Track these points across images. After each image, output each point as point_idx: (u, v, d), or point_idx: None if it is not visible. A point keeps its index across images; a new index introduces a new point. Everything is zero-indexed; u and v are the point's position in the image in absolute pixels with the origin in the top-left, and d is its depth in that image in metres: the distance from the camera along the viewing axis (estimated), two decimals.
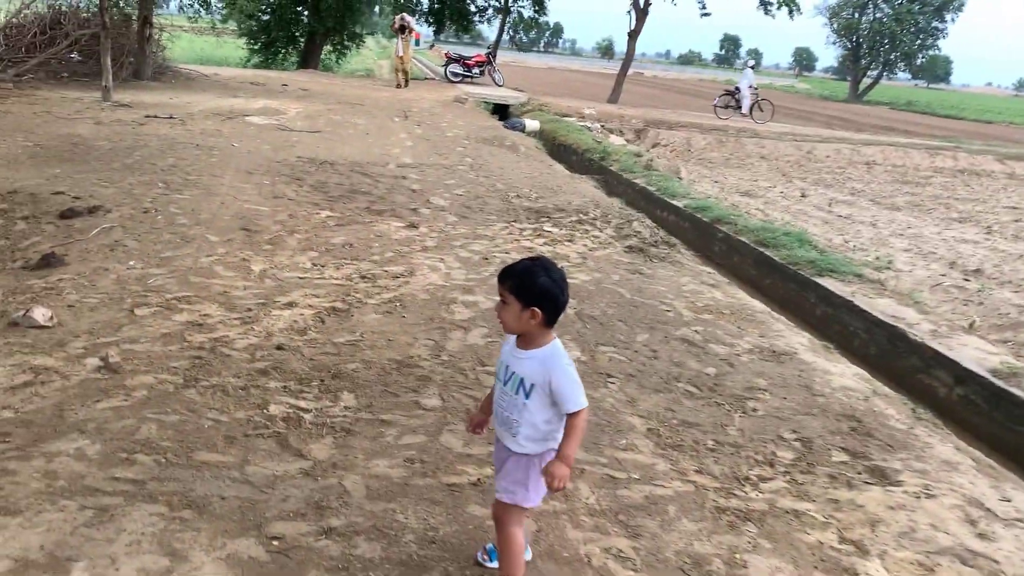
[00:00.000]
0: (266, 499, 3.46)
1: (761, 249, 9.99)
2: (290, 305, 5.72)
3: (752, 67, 30.04)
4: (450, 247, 7.64)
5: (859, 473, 4.30)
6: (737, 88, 28.57)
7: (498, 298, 2.73)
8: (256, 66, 32.63)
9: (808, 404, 5.09)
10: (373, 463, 3.82)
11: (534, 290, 2.65)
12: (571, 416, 2.73)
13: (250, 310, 5.55)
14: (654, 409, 4.77)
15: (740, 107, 28.04)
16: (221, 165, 10.19)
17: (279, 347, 5.00)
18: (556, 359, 2.74)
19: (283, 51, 34.12)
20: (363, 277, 6.47)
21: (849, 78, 76.64)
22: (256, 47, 33.57)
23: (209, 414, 4.13)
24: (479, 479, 3.75)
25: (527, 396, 2.75)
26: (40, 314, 4.94)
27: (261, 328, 5.26)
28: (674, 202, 12.80)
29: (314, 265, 6.65)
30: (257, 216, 7.91)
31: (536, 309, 2.66)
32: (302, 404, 4.35)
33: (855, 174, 21.53)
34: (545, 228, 8.84)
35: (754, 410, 4.93)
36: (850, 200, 17.03)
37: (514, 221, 9.05)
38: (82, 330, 4.98)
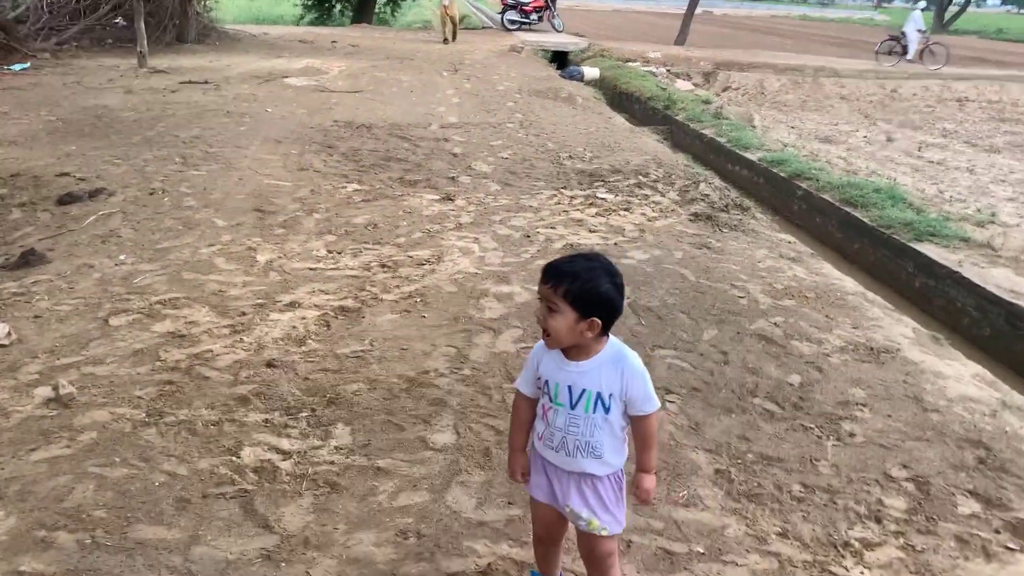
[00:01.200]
0: None
1: (847, 209, 8.78)
2: (292, 306, 4.90)
3: (923, 9, 27.55)
4: (488, 223, 6.72)
5: (996, 532, 3.28)
6: (903, 32, 26.12)
7: (539, 299, 2.31)
8: (310, 23, 31.87)
9: (919, 424, 4.05)
10: (356, 537, 2.97)
11: (596, 299, 2.25)
12: (647, 418, 2.41)
13: (244, 314, 4.75)
14: (724, 439, 3.81)
15: (906, 53, 25.66)
16: (249, 134, 9.43)
17: (270, 364, 4.19)
18: (627, 360, 2.36)
19: (337, 6, 33.23)
20: (383, 266, 5.61)
21: (933, 6, 72.00)
22: (309, 3, 32.74)
23: (165, 464, 3.35)
24: (489, 565, 2.88)
25: (607, 411, 2.37)
26: None
27: (252, 339, 4.46)
28: (747, 155, 11.57)
29: (329, 252, 5.82)
30: (275, 193, 7.11)
31: (596, 320, 2.27)
32: (284, 445, 3.53)
33: (946, 113, 19.68)
34: (598, 195, 7.83)
35: (851, 435, 3.93)
36: (942, 143, 15.40)
37: (564, 188, 8.06)
38: (43, 349, 4.25)
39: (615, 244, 6.38)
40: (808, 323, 5.16)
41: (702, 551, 3.05)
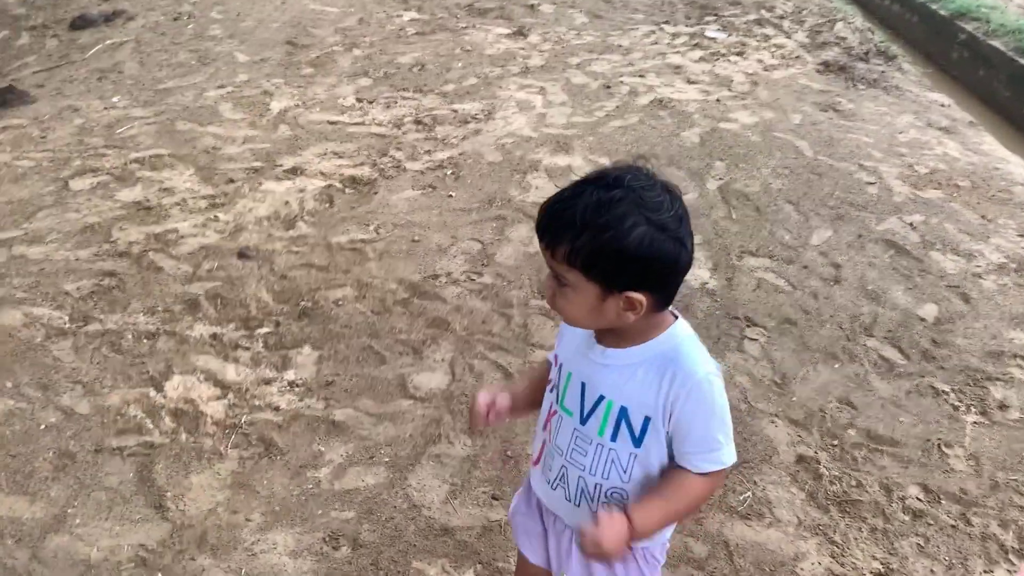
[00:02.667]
0: None
1: (1022, 61, 7.02)
2: (294, 172, 3.98)
3: None
4: (562, 67, 5.50)
5: None
6: None
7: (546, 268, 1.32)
8: None
9: None
10: (268, 539, 2.15)
11: (625, 257, 1.23)
12: (693, 478, 1.34)
13: (231, 181, 3.87)
14: (819, 402, 2.77)
15: None
16: None
17: (241, 253, 3.34)
18: (683, 362, 1.32)
19: None
20: (418, 122, 4.57)
21: None
22: None
23: (66, 396, 2.59)
24: None
25: (638, 441, 1.36)
26: None
27: (231, 217, 3.59)
28: None
29: (358, 101, 4.81)
30: (317, 22, 6.05)
31: (634, 295, 1.25)
32: (226, 374, 2.71)
33: None
34: (707, 33, 6.40)
35: (1002, 407, 2.81)
36: None
37: (666, 22, 6.65)
38: None
39: (717, 100, 5.10)
40: (957, 226, 3.89)
41: None
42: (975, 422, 2.74)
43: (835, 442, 2.61)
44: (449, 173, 4.05)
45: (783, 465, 2.50)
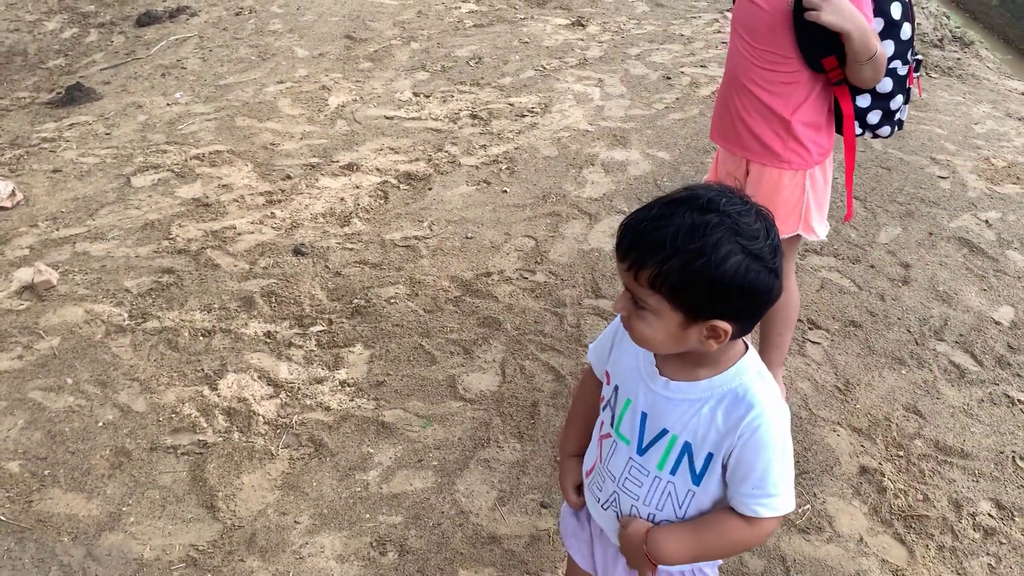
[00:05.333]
0: None
1: None
2: (350, 168, 3.99)
3: None
4: (621, 58, 5.40)
5: None
6: None
7: (621, 285, 1.27)
8: None
9: None
10: (316, 542, 2.15)
11: (719, 287, 1.16)
12: (746, 521, 1.28)
13: (289, 178, 3.89)
14: (884, 410, 2.65)
15: None
16: None
17: (297, 250, 3.35)
18: (754, 408, 1.25)
19: None
20: (474, 116, 4.54)
21: None
22: None
23: (123, 393, 2.63)
24: None
25: (698, 478, 1.31)
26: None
27: (287, 213, 3.61)
28: None
29: (415, 95, 4.79)
30: (375, 15, 6.05)
31: (721, 324, 1.20)
32: (279, 372, 2.72)
33: None
34: None
35: None
36: None
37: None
38: (47, 214, 3.60)
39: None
40: None
41: None
42: None
43: (901, 453, 2.50)
44: (504, 168, 4.00)
45: (845, 476, 2.41)
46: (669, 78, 5.11)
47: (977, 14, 8.71)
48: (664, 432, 1.31)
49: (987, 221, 3.70)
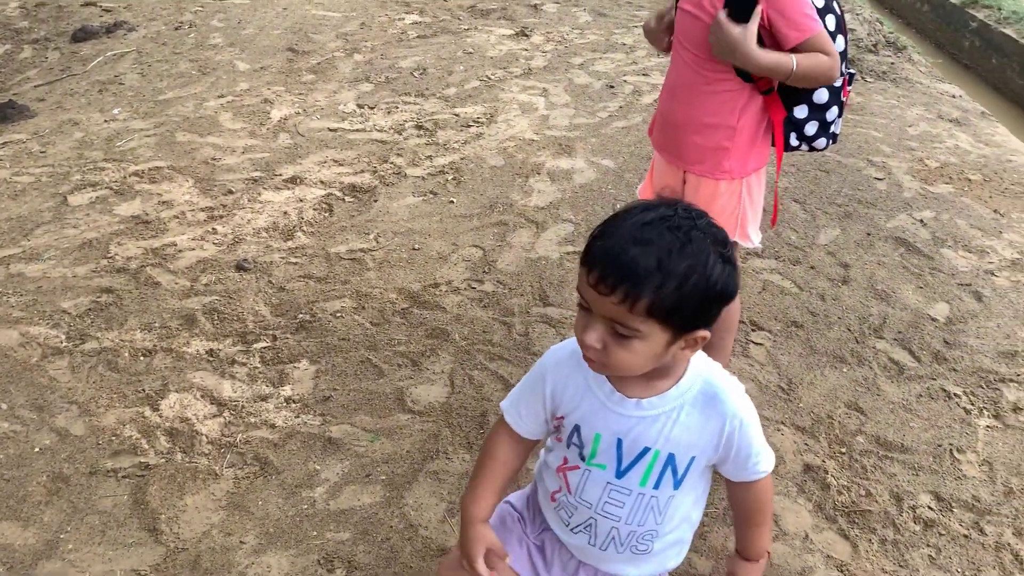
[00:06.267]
0: None
1: None
2: (293, 181, 3.95)
3: None
4: (565, 67, 5.44)
5: None
6: None
7: (581, 304, 1.24)
8: None
9: None
10: (263, 562, 2.11)
11: (711, 299, 1.19)
12: (760, 482, 1.44)
13: (230, 192, 3.84)
14: (826, 408, 2.70)
15: None
16: None
17: (240, 266, 3.30)
18: (728, 400, 1.33)
19: None
20: (419, 127, 4.53)
21: None
22: None
23: (61, 417, 2.56)
24: None
25: (679, 483, 1.37)
26: None
27: (229, 229, 3.56)
28: None
29: (359, 107, 4.76)
30: (318, 27, 6.02)
31: (701, 333, 1.22)
32: (223, 391, 2.68)
33: None
34: None
35: (1016, 409, 2.74)
36: None
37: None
38: None
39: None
40: (969, 221, 3.81)
41: None
42: (988, 426, 2.67)
43: (843, 450, 2.55)
44: (451, 178, 4.00)
45: (790, 475, 2.44)
46: (612, 87, 5.17)
47: (909, 19, 8.97)
48: (646, 450, 1.33)
49: (922, 220, 3.80)
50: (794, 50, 2.05)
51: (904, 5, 9.24)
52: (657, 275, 1.13)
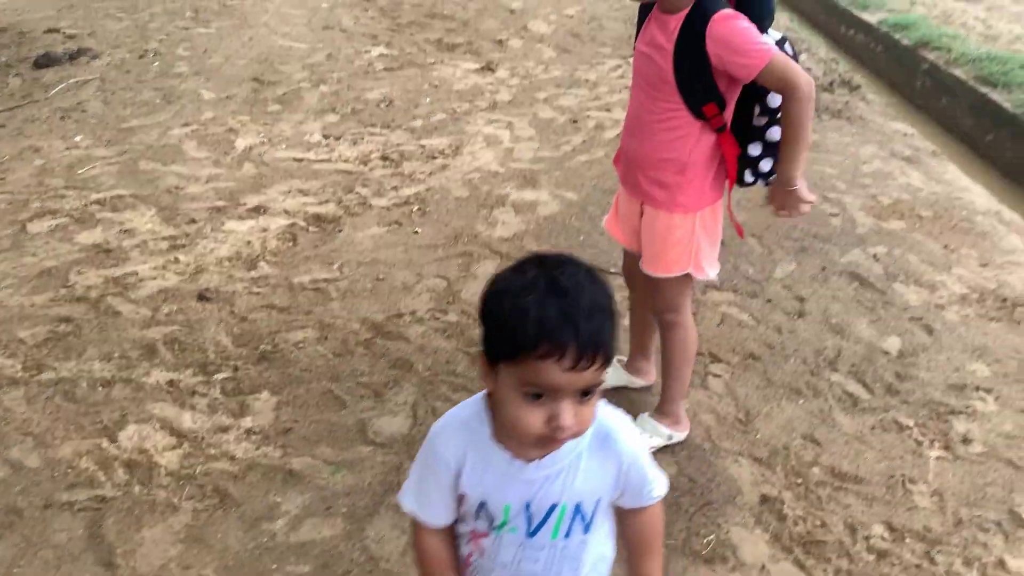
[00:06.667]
0: None
1: (983, 90, 7.13)
2: (257, 211, 3.95)
3: None
4: (530, 102, 5.52)
5: None
6: None
7: (549, 390, 1.14)
8: None
9: None
10: None
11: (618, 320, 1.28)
12: (652, 507, 1.41)
13: (193, 222, 3.83)
14: (783, 440, 2.75)
15: None
16: None
17: (202, 295, 3.29)
18: (618, 436, 1.32)
19: None
20: (384, 158, 4.56)
21: None
22: None
23: (15, 449, 2.53)
24: None
25: (588, 527, 1.34)
26: None
27: (191, 258, 3.55)
28: (865, 16, 9.74)
29: (325, 138, 4.79)
30: (284, 58, 6.04)
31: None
32: (182, 422, 2.66)
33: None
34: None
35: (965, 441, 2.81)
36: None
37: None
38: None
39: None
40: (920, 256, 3.92)
41: None
42: (938, 457, 2.74)
43: (799, 480, 2.60)
44: (416, 209, 4.03)
45: (747, 506, 2.48)
46: (576, 121, 5.25)
47: (864, 60, 9.24)
48: (553, 507, 1.30)
49: (875, 256, 3.90)
50: (755, 81, 2.11)
51: (859, 45, 9.51)
52: (606, 324, 1.12)
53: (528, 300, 1.10)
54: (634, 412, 2.71)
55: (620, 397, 2.88)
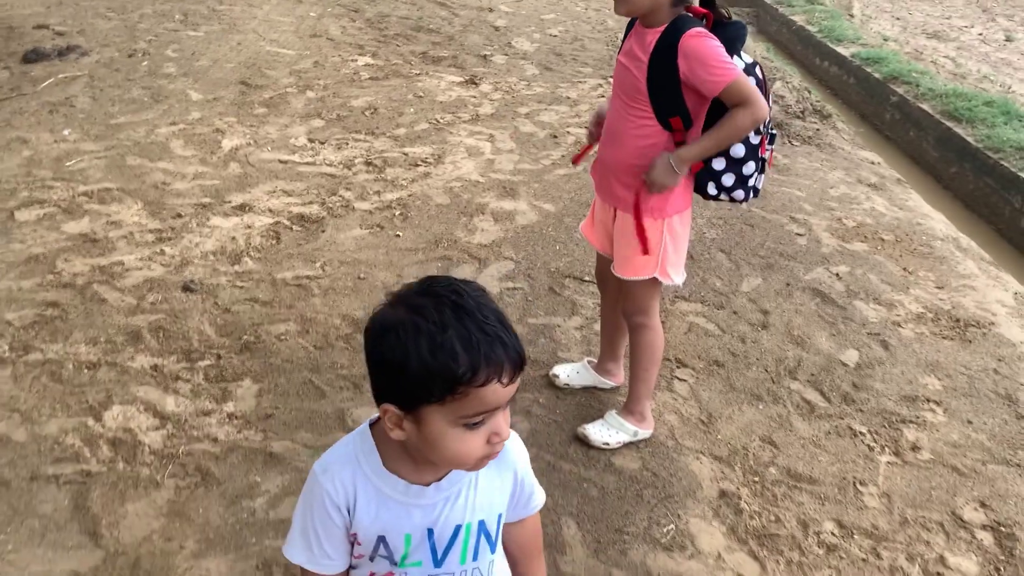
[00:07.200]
0: None
1: (949, 124, 7.41)
2: (242, 209, 4.05)
3: None
4: (512, 116, 5.67)
5: None
6: None
7: (485, 412, 1.14)
8: None
9: (1010, 439, 3.06)
10: (202, 566, 2.19)
11: None
12: (532, 518, 1.42)
13: (179, 216, 3.92)
14: (742, 441, 2.89)
15: None
16: None
17: (186, 287, 3.38)
18: (512, 443, 1.31)
19: None
20: (368, 163, 4.68)
21: None
22: None
23: (0, 425, 2.59)
24: None
25: (494, 545, 1.31)
26: None
27: (177, 251, 3.63)
28: (839, 49, 10.04)
29: (310, 142, 4.90)
30: (272, 63, 6.16)
31: None
32: (166, 405, 2.74)
33: None
34: None
35: (915, 448, 2.96)
36: None
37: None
38: None
39: None
40: (880, 277, 4.10)
41: None
42: (889, 462, 2.89)
43: (756, 479, 2.73)
44: (398, 214, 4.15)
45: (706, 500, 2.61)
46: (555, 136, 5.40)
47: (837, 90, 9.53)
48: (458, 528, 1.25)
49: (838, 274, 4.07)
50: (717, 97, 2.27)
51: (833, 77, 9.80)
52: (514, 334, 1.13)
53: (449, 336, 1.07)
54: (603, 412, 2.84)
55: (590, 397, 3.01)
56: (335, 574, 1.27)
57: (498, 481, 1.28)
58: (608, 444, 2.73)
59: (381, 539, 1.23)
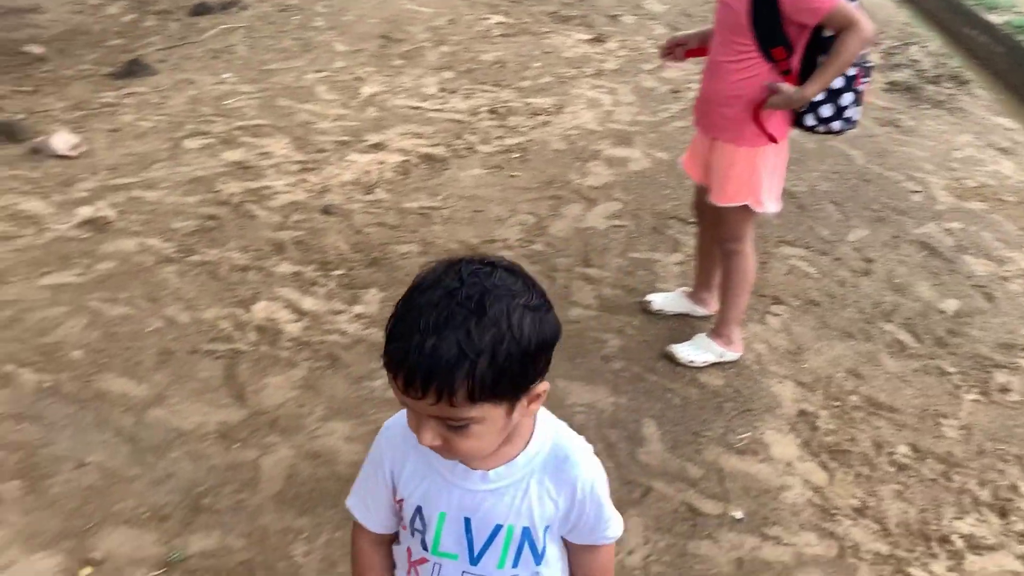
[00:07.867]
0: (125, 486, 2.36)
1: None
2: (377, 147, 4.43)
3: None
4: (635, 72, 5.83)
5: None
6: None
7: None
8: None
9: None
10: (328, 427, 2.57)
11: (529, 354, 1.04)
12: (603, 548, 1.30)
13: (322, 151, 4.34)
14: (828, 371, 3.03)
15: None
16: None
17: (326, 210, 3.78)
18: (577, 459, 1.21)
19: None
20: (492, 111, 4.97)
21: None
22: None
23: (170, 308, 3.06)
24: None
25: (540, 558, 1.23)
26: (62, 141, 4.07)
27: (319, 179, 4.05)
28: (990, 17, 9.57)
29: (441, 90, 5.24)
30: (411, 20, 6.53)
31: (538, 387, 1.10)
32: (303, 304, 3.14)
33: None
34: None
35: (1004, 390, 3.02)
36: None
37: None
38: (105, 165, 4.06)
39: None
40: (994, 234, 4.07)
41: (740, 516, 2.39)
42: (974, 400, 2.96)
43: (837, 403, 2.88)
44: (516, 157, 4.43)
45: (785, 416, 2.79)
46: (677, 91, 5.53)
47: (984, 59, 9.11)
48: (498, 528, 1.19)
49: (949, 230, 4.07)
50: (818, 26, 2.42)
51: (980, 45, 9.36)
52: (464, 360, 0.98)
53: (398, 314, 1.04)
54: (692, 336, 3.04)
55: (682, 323, 3.21)
56: (377, 531, 1.28)
57: (553, 492, 1.19)
58: (694, 362, 2.93)
59: (418, 510, 1.20)
